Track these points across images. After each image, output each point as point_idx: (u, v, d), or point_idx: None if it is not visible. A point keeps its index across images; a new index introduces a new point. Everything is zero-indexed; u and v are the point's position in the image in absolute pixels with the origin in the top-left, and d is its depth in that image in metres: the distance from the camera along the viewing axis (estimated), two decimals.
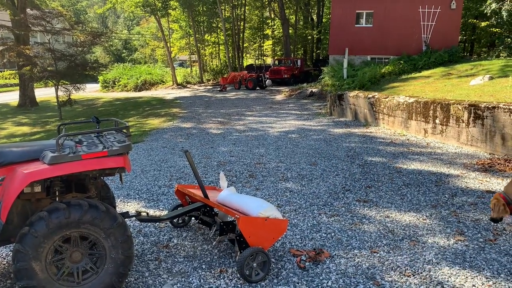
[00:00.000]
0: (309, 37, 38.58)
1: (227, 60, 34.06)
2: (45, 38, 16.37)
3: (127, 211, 3.85)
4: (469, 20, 26.03)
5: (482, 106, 7.41)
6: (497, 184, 5.62)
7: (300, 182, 6.05)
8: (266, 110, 14.80)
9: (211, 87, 28.49)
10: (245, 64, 37.84)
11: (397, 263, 3.57)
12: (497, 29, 25.06)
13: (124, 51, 67.97)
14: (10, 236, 3.01)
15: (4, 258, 3.86)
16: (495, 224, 4.27)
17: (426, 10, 18.62)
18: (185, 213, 4.15)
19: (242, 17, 37.69)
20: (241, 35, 37.99)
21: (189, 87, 29.38)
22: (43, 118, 16.49)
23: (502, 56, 21.58)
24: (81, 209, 2.83)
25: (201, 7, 34.76)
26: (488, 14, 20.45)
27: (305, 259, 3.69)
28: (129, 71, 33.25)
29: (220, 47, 39.41)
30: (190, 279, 3.42)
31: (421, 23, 18.81)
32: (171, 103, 19.07)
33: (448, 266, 3.50)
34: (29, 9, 18.12)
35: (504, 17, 18.53)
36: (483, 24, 24.80)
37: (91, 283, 2.93)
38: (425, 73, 14.66)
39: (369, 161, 7.11)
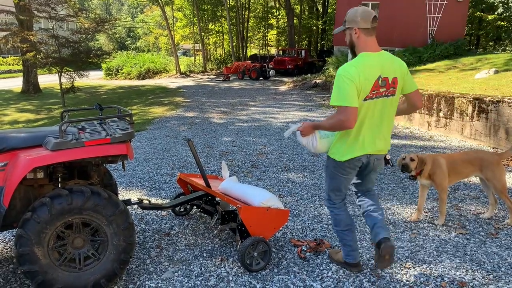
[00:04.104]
0: (314, 28, 38.39)
1: (231, 50, 33.92)
2: (49, 24, 16.31)
3: (129, 199, 3.86)
4: (476, 13, 25.80)
5: (487, 99, 7.36)
6: None
7: (302, 173, 6.05)
8: (269, 101, 14.77)
9: (214, 76, 28.41)
10: (249, 54, 37.70)
11: (398, 255, 3.58)
12: (504, 23, 24.84)
13: (127, 39, 67.85)
14: (13, 221, 3.02)
15: (7, 243, 3.88)
16: (487, 219, 4.29)
17: (433, 2, 18.45)
18: (187, 202, 4.16)
19: (247, 6, 37.47)
20: (245, 24, 37.81)
21: (192, 76, 29.31)
22: (46, 104, 16.51)
23: (509, 50, 21.41)
24: (83, 195, 2.84)
25: None
26: (496, 4, 20.23)
27: (305, 249, 3.70)
28: (133, 59, 33.15)
29: (224, 36, 39.26)
30: (191, 267, 3.44)
31: (427, 15, 18.65)
32: (174, 92, 19.03)
33: (449, 259, 3.50)
34: None
35: None
36: (490, 17, 24.58)
37: (93, 269, 2.95)
38: (430, 65, 14.57)
39: None
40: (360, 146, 2.93)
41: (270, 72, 24.16)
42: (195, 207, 4.48)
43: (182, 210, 4.51)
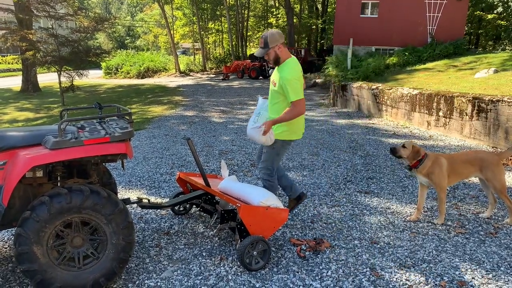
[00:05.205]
0: (314, 27, 38.34)
1: (230, 49, 33.88)
2: (49, 23, 16.28)
3: (129, 198, 3.86)
4: (476, 12, 25.79)
5: (486, 99, 7.36)
6: None
7: (301, 172, 6.04)
8: None
9: (214, 75, 28.41)
10: (248, 53, 37.64)
11: (397, 255, 3.58)
12: (504, 22, 24.83)
13: (127, 37, 67.78)
14: (12, 220, 3.02)
15: (6, 242, 3.88)
16: (486, 218, 4.30)
17: (432, 1, 18.43)
18: (187, 201, 4.16)
19: (246, 5, 37.43)
20: (245, 23, 37.78)
21: (192, 75, 29.30)
22: (45, 103, 16.48)
23: (508, 49, 21.39)
24: (82, 194, 2.83)
25: None
26: (495, 3, 20.20)
27: (305, 248, 3.70)
28: (132, 58, 33.14)
29: (224, 36, 39.23)
30: (191, 266, 3.44)
31: (427, 14, 18.62)
32: (174, 91, 19.02)
33: (448, 259, 3.50)
34: None
35: None
36: (489, 16, 24.57)
37: (92, 268, 2.94)
38: (429, 65, 14.55)
39: (371, 152, 7.09)
40: (302, 127, 4.01)
41: (270, 71, 24.14)
42: (194, 206, 4.47)
43: (181, 209, 4.51)
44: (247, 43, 41.75)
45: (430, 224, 4.20)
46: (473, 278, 3.21)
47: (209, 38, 40.41)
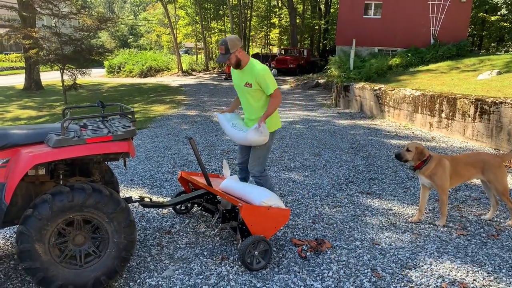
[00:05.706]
0: (316, 27, 38.33)
1: None
2: (52, 21, 16.31)
3: (131, 196, 3.86)
4: (479, 14, 25.74)
5: (489, 101, 7.35)
6: None
7: (303, 172, 6.04)
8: None
9: (216, 75, 28.40)
10: (251, 53, 37.65)
11: (399, 256, 3.58)
12: (507, 24, 24.77)
13: (130, 36, 67.77)
14: (14, 218, 3.03)
15: (8, 239, 3.89)
16: (488, 220, 4.29)
17: (436, 2, 18.39)
18: (188, 200, 4.16)
19: (249, 5, 37.42)
20: (248, 23, 37.75)
21: (194, 75, 29.30)
22: (48, 101, 16.51)
23: (511, 51, 21.31)
24: (84, 193, 2.84)
25: None
26: (499, 4, 20.16)
27: (306, 249, 3.70)
28: (135, 57, 33.13)
29: (227, 35, 39.15)
30: (192, 265, 3.44)
31: (430, 15, 18.59)
32: (176, 90, 19.03)
33: (450, 260, 3.50)
34: None
35: None
36: (493, 18, 24.51)
37: (94, 267, 2.95)
38: (432, 66, 14.54)
39: (373, 153, 7.09)
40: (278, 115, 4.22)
41: (272, 72, 24.15)
42: (196, 205, 4.48)
43: (183, 208, 4.52)
44: (250, 43, 41.74)
45: (431, 225, 4.20)
46: (474, 280, 3.20)
47: (211, 38, 40.40)
